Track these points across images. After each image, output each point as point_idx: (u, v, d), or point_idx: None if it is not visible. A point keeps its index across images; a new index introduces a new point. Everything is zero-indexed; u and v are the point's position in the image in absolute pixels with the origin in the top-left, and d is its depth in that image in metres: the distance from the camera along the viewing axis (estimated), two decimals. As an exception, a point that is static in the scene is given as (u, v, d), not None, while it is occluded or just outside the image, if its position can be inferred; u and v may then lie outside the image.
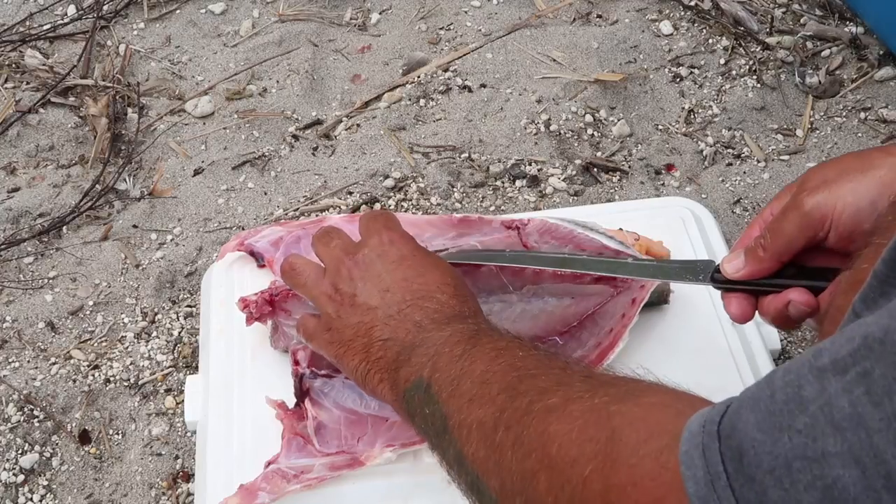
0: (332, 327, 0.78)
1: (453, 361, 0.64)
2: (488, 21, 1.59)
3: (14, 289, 1.25)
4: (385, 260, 0.77)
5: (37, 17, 1.63)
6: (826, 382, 0.33)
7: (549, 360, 0.61)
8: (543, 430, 0.50)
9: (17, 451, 1.09)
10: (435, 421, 0.62)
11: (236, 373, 0.93)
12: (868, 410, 0.31)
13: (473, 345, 0.65)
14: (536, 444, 0.50)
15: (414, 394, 0.67)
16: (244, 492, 0.81)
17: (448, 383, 0.62)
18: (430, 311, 0.71)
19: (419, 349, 0.68)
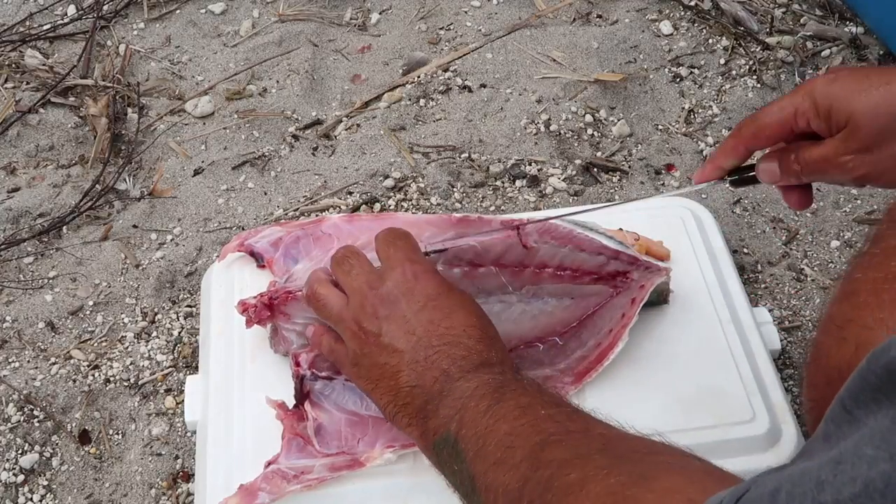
0: (359, 364, 0.78)
1: (479, 417, 0.65)
2: (488, 21, 1.59)
3: (14, 289, 1.25)
4: (410, 299, 0.77)
5: (37, 17, 1.63)
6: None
7: (570, 422, 0.63)
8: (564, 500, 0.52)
9: (17, 451, 1.09)
10: (464, 480, 0.65)
11: (236, 373, 0.93)
12: None
13: (498, 400, 0.66)
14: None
15: (443, 448, 0.68)
16: (244, 492, 0.81)
17: (474, 442, 0.64)
18: (458, 358, 0.72)
19: (446, 400, 0.69)
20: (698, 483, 0.46)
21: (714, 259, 1.03)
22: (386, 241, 0.82)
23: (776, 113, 0.73)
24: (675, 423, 0.86)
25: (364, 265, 0.81)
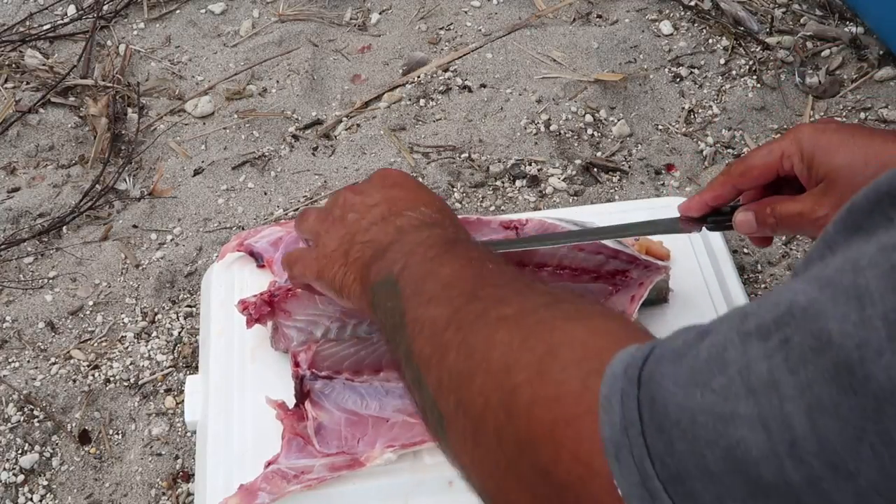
0: (319, 244, 0.77)
1: (425, 262, 0.64)
2: (488, 21, 1.59)
3: (14, 289, 1.25)
4: (381, 185, 0.77)
5: (37, 17, 1.63)
6: (749, 346, 0.33)
7: (515, 275, 0.62)
8: (490, 336, 0.51)
9: (17, 451, 1.09)
10: (394, 315, 0.62)
11: (236, 373, 0.93)
12: (784, 377, 0.32)
13: (447, 250, 0.65)
14: (480, 347, 0.51)
15: (381, 288, 0.66)
16: (244, 492, 0.81)
17: (414, 282, 0.62)
18: (413, 219, 0.71)
19: (395, 246, 0.68)
20: (632, 333, 0.45)
21: (714, 259, 1.03)
22: None
23: (765, 155, 0.75)
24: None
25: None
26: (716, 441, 0.33)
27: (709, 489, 0.33)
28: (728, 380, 0.33)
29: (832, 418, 0.30)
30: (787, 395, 0.31)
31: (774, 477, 0.31)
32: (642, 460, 0.36)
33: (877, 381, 0.29)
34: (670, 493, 0.35)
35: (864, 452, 0.29)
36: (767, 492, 0.32)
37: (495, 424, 0.47)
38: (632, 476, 0.36)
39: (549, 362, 0.45)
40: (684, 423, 0.35)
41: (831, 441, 0.30)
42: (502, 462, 0.47)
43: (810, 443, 0.30)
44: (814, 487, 0.30)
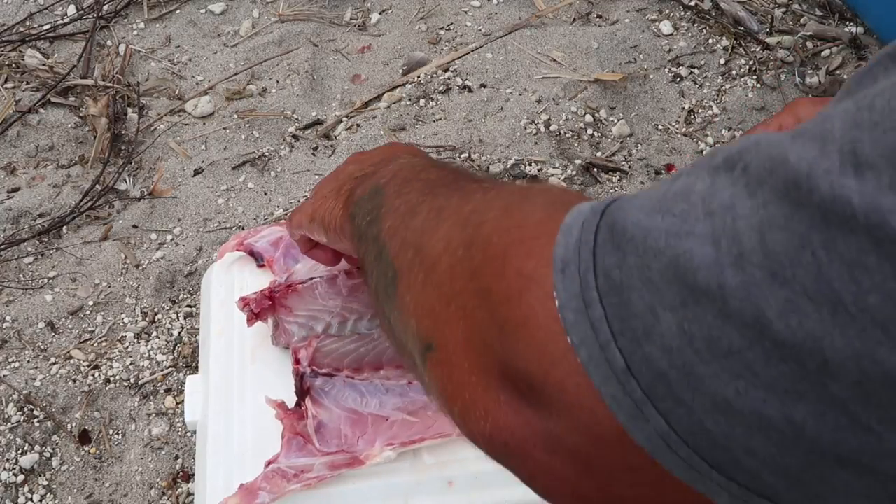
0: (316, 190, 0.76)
1: (414, 172, 0.62)
2: (488, 21, 1.59)
3: (14, 289, 1.25)
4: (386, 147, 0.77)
5: (37, 17, 1.63)
6: (716, 178, 0.34)
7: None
8: (465, 197, 0.51)
9: (17, 451, 1.09)
10: (372, 212, 0.61)
11: (236, 373, 0.93)
12: (742, 201, 0.32)
13: (438, 165, 0.64)
14: (453, 205, 0.50)
15: (364, 200, 0.64)
16: (244, 491, 0.81)
17: (400, 183, 0.61)
18: (409, 159, 0.70)
19: (384, 168, 0.66)
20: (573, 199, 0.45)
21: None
22: None
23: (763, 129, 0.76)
24: (676, 423, 0.86)
25: None
26: (663, 251, 0.34)
27: (644, 298, 0.34)
28: (690, 205, 0.34)
29: (781, 231, 0.30)
30: (741, 214, 0.32)
31: (710, 282, 0.32)
32: (587, 272, 0.36)
33: (819, 193, 0.29)
34: (604, 303, 0.35)
35: (804, 259, 0.29)
36: (698, 298, 0.32)
37: (450, 261, 0.46)
38: (572, 286, 0.37)
39: (519, 201, 0.46)
40: (638, 238, 0.35)
41: (776, 252, 0.30)
42: (446, 296, 0.46)
43: (756, 255, 0.31)
44: (746, 292, 0.31)
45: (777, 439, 0.31)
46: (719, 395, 0.32)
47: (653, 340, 0.34)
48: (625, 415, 0.35)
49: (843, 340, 0.29)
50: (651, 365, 0.34)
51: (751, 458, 0.32)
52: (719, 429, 0.32)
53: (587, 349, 0.36)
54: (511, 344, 0.40)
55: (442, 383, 0.45)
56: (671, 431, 0.34)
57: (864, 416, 0.29)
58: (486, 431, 0.42)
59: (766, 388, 0.31)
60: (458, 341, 0.44)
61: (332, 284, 0.91)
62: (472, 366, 0.43)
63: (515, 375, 0.40)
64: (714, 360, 0.32)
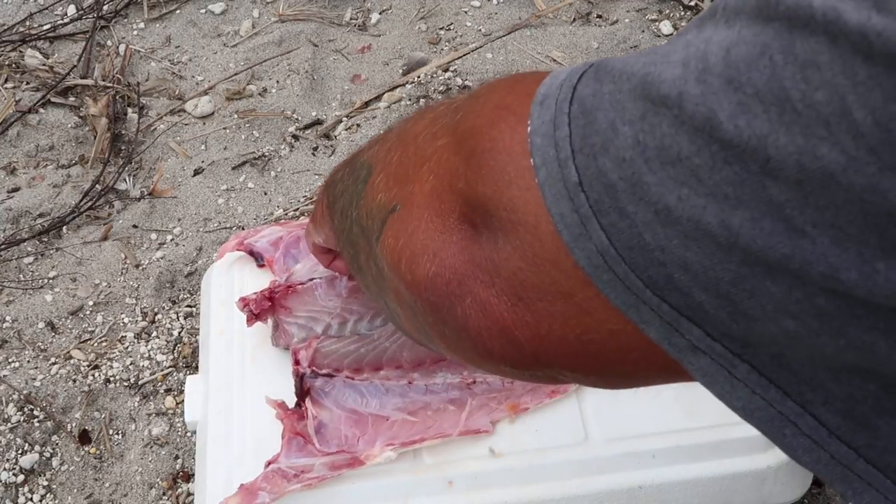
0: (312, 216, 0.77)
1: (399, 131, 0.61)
2: (488, 21, 1.59)
3: (14, 289, 1.25)
4: None
5: (37, 17, 1.63)
6: (702, 25, 0.34)
7: None
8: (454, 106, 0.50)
9: (17, 451, 1.09)
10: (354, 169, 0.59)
11: (236, 373, 0.93)
12: (719, 32, 0.32)
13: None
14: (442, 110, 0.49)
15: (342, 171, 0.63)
16: (244, 491, 0.81)
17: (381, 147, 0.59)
18: None
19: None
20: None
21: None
22: None
23: None
24: (676, 423, 0.86)
25: None
26: (635, 73, 0.34)
27: (608, 115, 0.34)
28: (671, 46, 0.34)
29: (746, 45, 0.31)
30: (714, 40, 0.32)
31: (671, 91, 0.32)
32: (563, 101, 0.37)
33: (785, 3, 0.30)
34: (572, 125, 0.36)
35: (761, 63, 0.30)
36: (657, 108, 0.33)
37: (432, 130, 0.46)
38: (546, 114, 0.37)
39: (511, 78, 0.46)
40: (618, 70, 0.36)
41: (737, 62, 0.31)
42: (421, 158, 0.46)
43: (718, 66, 0.31)
44: (702, 97, 0.31)
45: (711, 249, 0.32)
46: (662, 204, 0.32)
47: (608, 153, 0.34)
48: (569, 232, 0.35)
49: (787, 137, 0.29)
50: (602, 177, 0.34)
51: (684, 273, 0.33)
52: (657, 241, 0.33)
53: (547, 168, 0.36)
54: (473, 173, 0.40)
55: (395, 239, 0.45)
56: (610, 246, 0.34)
57: (800, 220, 0.29)
58: (430, 273, 0.42)
59: (708, 195, 0.31)
60: (425, 193, 0.44)
61: (331, 285, 0.91)
62: (433, 213, 0.43)
63: (473, 206, 0.41)
64: (662, 167, 0.32)
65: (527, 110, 0.39)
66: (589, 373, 0.42)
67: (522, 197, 0.37)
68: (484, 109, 0.42)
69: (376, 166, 0.52)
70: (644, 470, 0.85)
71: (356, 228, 0.53)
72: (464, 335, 0.42)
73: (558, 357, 0.40)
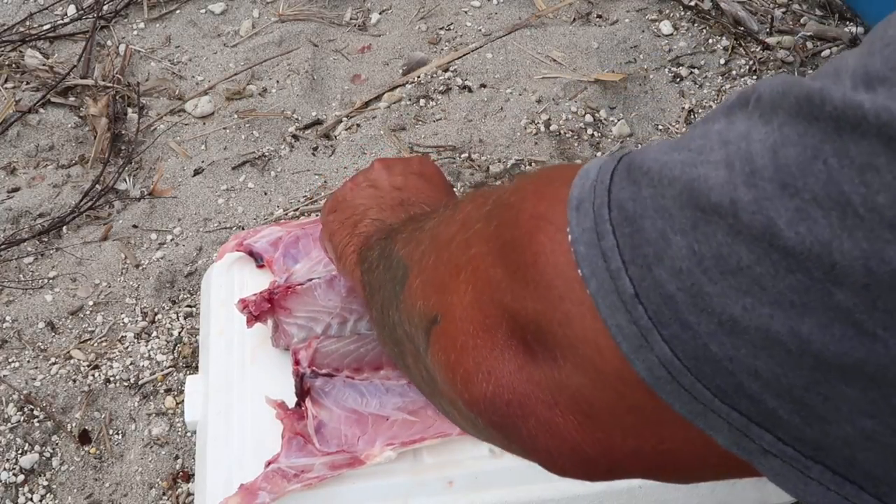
0: (338, 208, 0.78)
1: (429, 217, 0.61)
2: (488, 21, 1.59)
3: (14, 289, 1.25)
4: (409, 168, 0.78)
5: (37, 17, 1.63)
6: (732, 115, 0.34)
7: None
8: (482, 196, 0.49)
9: (17, 451, 1.09)
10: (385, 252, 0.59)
11: (236, 373, 0.93)
12: (757, 128, 0.32)
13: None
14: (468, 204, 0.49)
15: (376, 245, 0.63)
16: (244, 491, 0.81)
17: (413, 224, 0.59)
18: (426, 210, 0.69)
19: (401, 224, 0.65)
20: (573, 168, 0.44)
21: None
22: None
23: None
24: (676, 423, 0.86)
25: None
26: (678, 178, 0.34)
27: (656, 225, 0.34)
28: (707, 140, 0.34)
29: (793, 147, 0.30)
30: (756, 139, 0.32)
31: (722, 199, 0.32)
32: (601, 207, 0.36)
33: (832, 104, 0.29)
34: (617, 233, 0.35)
35: (816, 168, 0.29)
36: (709, 217, 0.32)
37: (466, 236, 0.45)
38: (585, 221, 0.36)
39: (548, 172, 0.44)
40: (654, 170, 0.35)
41: (788, 165, 0.30)
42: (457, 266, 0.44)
43: (768, 170, 0.31)
44: (757, 205, 0.31)
45: (782, 357, 0.31)
46: (726, 314, 0.32)
47: (663, 264, 0.33)
48: (629, 344, 0.34)
49: (850, 242, 0.29)
50: (659, 289, 0.33)
51: (754, 381, 0.32)
52: (724, 351, 0.32)
53: (597, 279, 0.35)
54: (520, 288, 0.39)
55: (445, 354, 0.44)
56: (675, 358, 0.33)
57: (870, 324, 0.29)
58: (489, 394, 0.41)
59: (773, 303, 0.31)
60: (466, 305, 0.43)
61: (331, 285, 0.91)
62: (478, 327, 0.42)
63: (523, 323, 0.39)
64: (722, 277, 0.32)
65: (563, 218, 0.38)
66: (668, 478, 0.41)
67: (576, 311, 0.36)
68: (520, 219, 0.41)
69: (412, 268, 0.51)
70: (644, 470, 0.85)
71: (400, 331, 0.52)
72: (533, 454, 0.42)
73: (634, 468, 0.39)
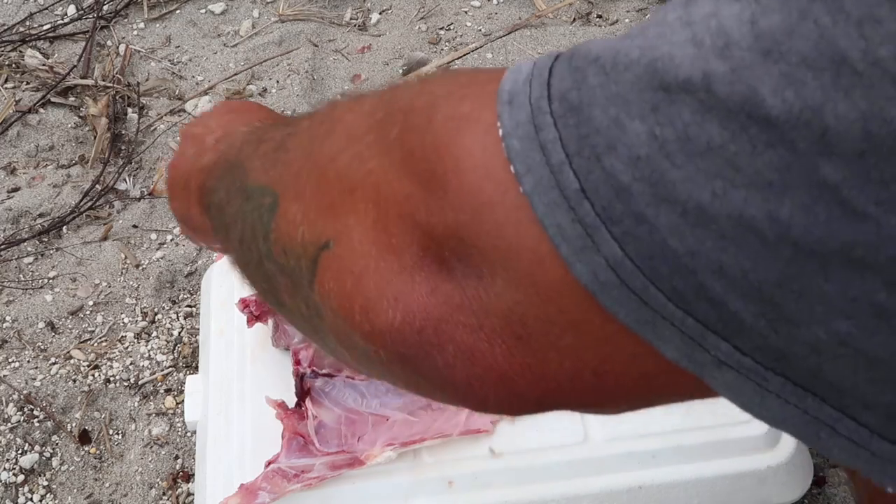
0: (170, 175, 0.68)
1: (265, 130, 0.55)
2: (488, 21, 1.59)
3: (14, 289, 1.25)
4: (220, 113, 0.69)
5: (37, 17, 1.63)
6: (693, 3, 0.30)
7: None
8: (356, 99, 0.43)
9: (17, 451, 1.09)
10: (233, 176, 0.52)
11: (236, 373, 0.93)
12: (727, 5, 0.29)
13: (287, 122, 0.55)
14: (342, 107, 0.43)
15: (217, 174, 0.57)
16: (245, 491, 0.81)
17: (253, 141, 0.53)
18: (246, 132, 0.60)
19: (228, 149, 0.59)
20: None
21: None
22: None
23: None
24: (675, 423, 0.86)
25: None
26: (637, 61, 0.30)
27: (608, 112, 0.30)
28: (666, 26, 0.30)
29: (776, 13, 0.27)
30: (728, 14, 0.28)
31: (692, 74, 0.28)
32: (539, 99, 0.32)
33: None
34: (559, 124, 0.31)
35: (805, 28, 0.27)
36: (674, 97, 0.29)
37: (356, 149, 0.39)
38: (519, 114, 0.32)
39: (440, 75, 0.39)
40: (604, 57, 0.31)
41: (770, 32, 0.27)
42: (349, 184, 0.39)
43: (745, 40, 0.27)
44: (735, 75, 0.27)
45: (755, 247, 0.28)
46: (692, 202, 0.28)
47: (616, 153, 0.30)
48: (570, 246, 0.31)
49: (846, 103, 0.26)
50: (611, 180, 0.30)
51: (717, 280, 0.29)
52: (685, 245, 0.29)
53: (534, 175, 0.31)
54: (436, 200, 0.34)
55: (338, 282, 0.38)
56: (625, 258, 0.30)
57: (860, 199, 0.26)
58: (396, 322, 0.36)
59: (748, 185, 0.28)
60: (365, 227, 0.37)
61: (332, 284, 0.91)
62: (382, 249, 0.37)
63: (440, 238, 0.35)
64: (689, 160, 0.28)
65: (492, 115, 0.33)
66: (604, 405, 0.36)
67: (509, 217, 0.32)
68: (432, 123, 0.36)
69: (284, 193, 0.44)
70: (644, 470, 0.85)
71: (270, 265, 0.45)
72: (449, 388, 0.37)
73: (569, 396, 0.35)
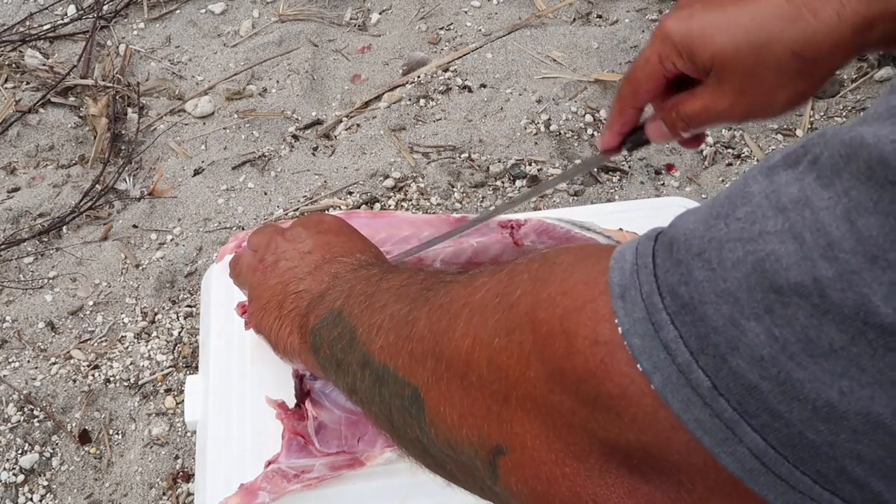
0: (254, 297, 0.73)
1: (369, 286, 0.58)
2: (488, 21, 1.59)
3: (14, 289, 1.25)
4: (311, 229, 0.73)
5: (37, 17, 1.63)
6: (775, 177, 0.32)
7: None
8: (466, 287, 0.46)
9: (17, 451, 1.09)
10: (342, 339, 0.56)
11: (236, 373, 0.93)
12: (816, 193, 0.30)
13: (391, 270, 0.59)
14: (460, 301, 0.45)
15: (323, 325, 0.60)
16: (245, 491, 0.81)
17: (360, 302, 0.56)
18: (348, 264, 0.66)
19: (333, 290, 0.62)
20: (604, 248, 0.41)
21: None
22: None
23: (643, 66, 0.67)
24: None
25: (279, 226, 0.76)
26: (743, 259, 0.31)
27: (721, 311, 0.32)
28: (753, 207, 0.31)
29: (872, 215, 0.28)
30: (820, 206, 0.30)
31: (802, 278, 0.30)
32: (650, 295, 0.34)
33: None
34: (676, 322, 0.32)
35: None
36: (787, 299, 0.30)
37: (488, 355, 0.42)
38: (636, 311, 0.34)
39: (547, 271, 0.41)
40: (708, 252, 0.32)
41: (871, 236, 0.28)
42: (499, 393, 0.41)
43: (848, 242, 0.29)
44: (845, 280, 0.29)
45: (886, 440, 0.29)
46: (821, 400, 0.30)
47: (739, 353, 0.31)
48: (712, 439, 0.32)
49: None
50: (740, 379, 0.31)
51: (858, 465, 0.30)
52: (822, 437, 0.30)
53: (662, 374, 0.33)
54: (612, 420, 0.36)
55: (528, 486, 0.41)
56: (768, 448, 0.31)
57: None
58: None
59: (874, 384, 0.29)
60: (536, 435, 0.40)
61: (331, 285, 0.91)
62: (562, 456, 0.39)
63: (625, 450, 0.37)
64: (813, 361, 0.30)
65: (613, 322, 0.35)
66: None
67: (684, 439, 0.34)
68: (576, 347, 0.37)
69: (428, 392, 0.47)
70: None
71: (435, 451, 0.50)
72: None
73: None
